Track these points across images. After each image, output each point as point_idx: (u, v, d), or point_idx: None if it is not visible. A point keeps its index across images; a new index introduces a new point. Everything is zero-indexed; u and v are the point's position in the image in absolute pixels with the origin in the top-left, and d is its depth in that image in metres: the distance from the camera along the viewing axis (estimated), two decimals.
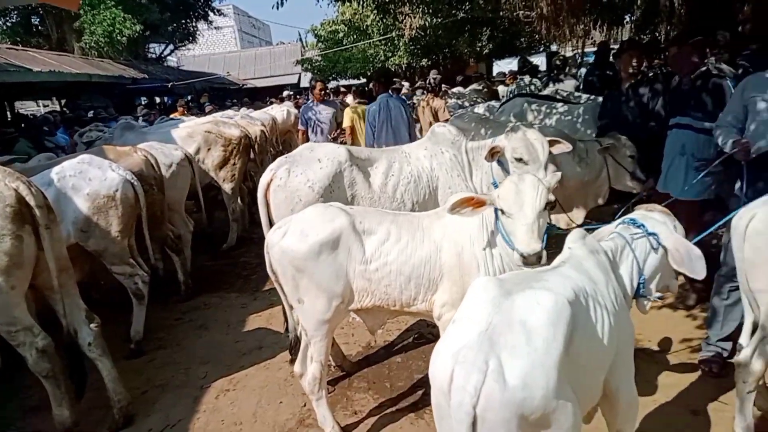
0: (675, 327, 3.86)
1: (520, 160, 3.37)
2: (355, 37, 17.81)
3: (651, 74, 5.65)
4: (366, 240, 2.75)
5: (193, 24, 24.82)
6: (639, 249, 2.15)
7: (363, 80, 22.26)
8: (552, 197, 2.38)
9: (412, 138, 5.80)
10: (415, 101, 8.84)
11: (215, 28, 26.62)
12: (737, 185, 3.17)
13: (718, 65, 3.88)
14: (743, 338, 2.67)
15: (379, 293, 2.75)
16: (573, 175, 4.34)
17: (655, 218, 2.22)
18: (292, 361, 3.19)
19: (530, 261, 2.29)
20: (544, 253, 2.30)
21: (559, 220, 4.73)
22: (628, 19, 9.53)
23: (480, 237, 2.61)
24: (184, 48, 27.31)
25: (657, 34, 8.30)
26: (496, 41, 16.64)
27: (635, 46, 5.02)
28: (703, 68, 3.82)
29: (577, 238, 2.11)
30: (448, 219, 2.70)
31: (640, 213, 2.29)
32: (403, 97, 8.33)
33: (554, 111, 6.11)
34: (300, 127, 7.46)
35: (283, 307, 3.20)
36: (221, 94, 22.73)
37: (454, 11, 9.39)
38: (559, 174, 2.56)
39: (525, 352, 1.57)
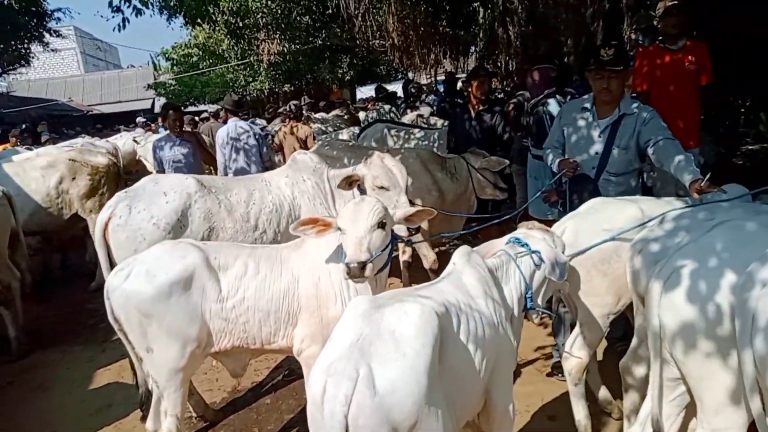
0: (528, 336, 4.02)
1: (381, 187, 3.39)
2: (211, 61, 17.28)
3: (494, 98, 6.14)
4: (222, 276, 2.59)
5: (26, 46, 22.28)
6: (524, 266, 2.27)
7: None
8: (384, 217, 2.32)
9: (264, 159, 5.87)
10: (275, 129, 8.67)
11: (53, 50, 24.10)
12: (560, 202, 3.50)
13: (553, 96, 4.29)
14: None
15: (238, 332, 2.60)
16: (449, 190, 4.78)
17: (535, 236, 2.36)
18: (144, 418, 2.88)
19: (354, 273, 2.18)
20: (370, 266, 2.22)
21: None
22: (473, 50, 10.32)
23: (337, 267, 2.54)
24: (15, 72, 24.44)
25: (498, 64, 9.07)
26: (356, 68, 17.20)
27: (481, 73, 5.38)
28: (549, 91, 4.23)
29: (462, 254, 2.18)
30: (307, 249, 2.64)
31: (522, 232, 2.41)
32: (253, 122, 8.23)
33: (412, 136, 6.38)
34: (153, 169, 6.09)
35: (130, 359, 2.88)
36: (63, 121, 20.71)
37: (311, 38, 9.49)
38: (413, 209, 2.58)
39: (394, 359, 1.61)
